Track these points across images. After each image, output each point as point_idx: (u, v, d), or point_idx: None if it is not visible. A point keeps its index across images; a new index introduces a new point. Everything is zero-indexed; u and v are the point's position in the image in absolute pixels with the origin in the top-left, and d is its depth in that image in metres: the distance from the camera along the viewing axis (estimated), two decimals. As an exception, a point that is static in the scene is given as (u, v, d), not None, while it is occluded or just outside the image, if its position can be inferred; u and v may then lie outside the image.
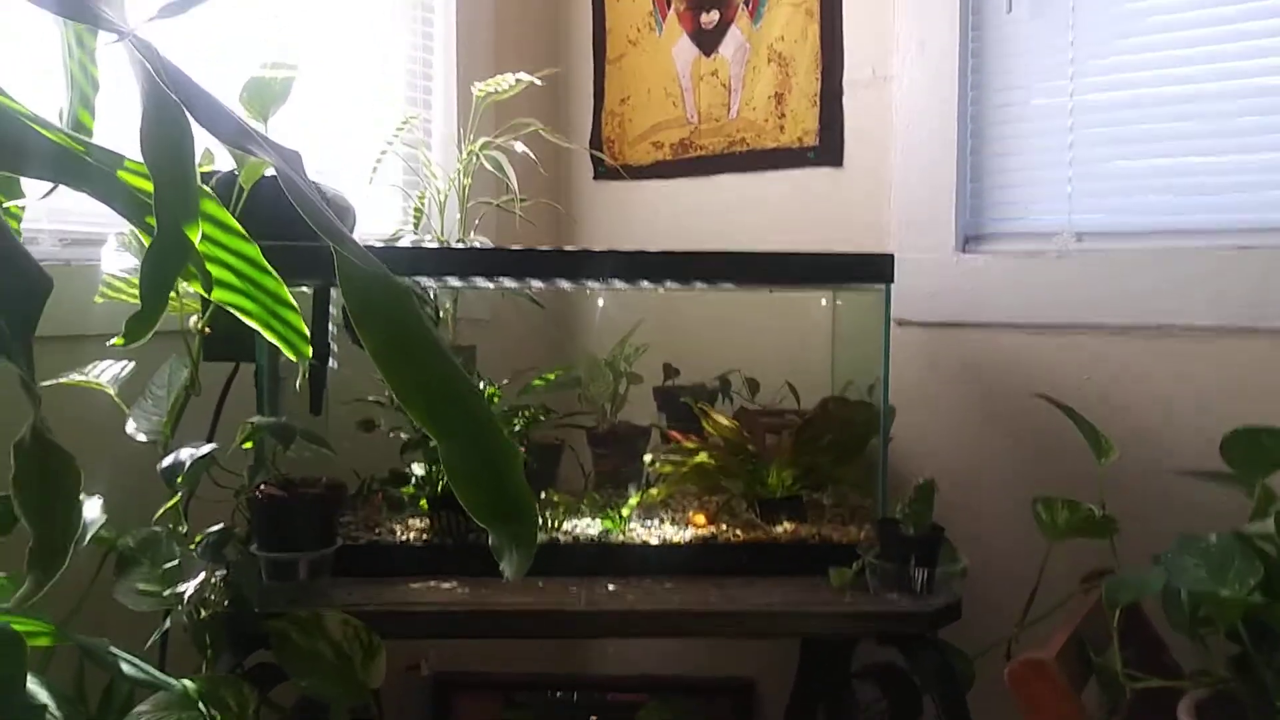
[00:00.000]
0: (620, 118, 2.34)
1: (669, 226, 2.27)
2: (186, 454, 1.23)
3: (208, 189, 0.93)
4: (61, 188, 0.91)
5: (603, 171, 2.38)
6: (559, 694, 2.12)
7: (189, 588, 1.22)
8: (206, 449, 1.25)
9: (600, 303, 2.07)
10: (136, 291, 1.56)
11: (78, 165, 0.90)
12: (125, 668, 0.97)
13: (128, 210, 0.94)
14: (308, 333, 1.05)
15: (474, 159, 1.91)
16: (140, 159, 0.76)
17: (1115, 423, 1.66)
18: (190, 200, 0.81)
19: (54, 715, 0.87)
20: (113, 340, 0.87)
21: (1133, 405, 1.73)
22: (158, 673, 0.99)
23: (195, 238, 0.86)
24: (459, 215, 1.97)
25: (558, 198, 2.38)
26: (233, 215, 0.99)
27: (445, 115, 2.18)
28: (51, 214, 1.58)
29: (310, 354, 1.05)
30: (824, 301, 1.91)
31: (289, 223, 1.55)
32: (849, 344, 1.86)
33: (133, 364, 1.50)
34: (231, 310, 1.02)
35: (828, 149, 2.05)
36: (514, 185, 1.82)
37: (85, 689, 1.42)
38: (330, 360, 1.65)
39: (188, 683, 1.03)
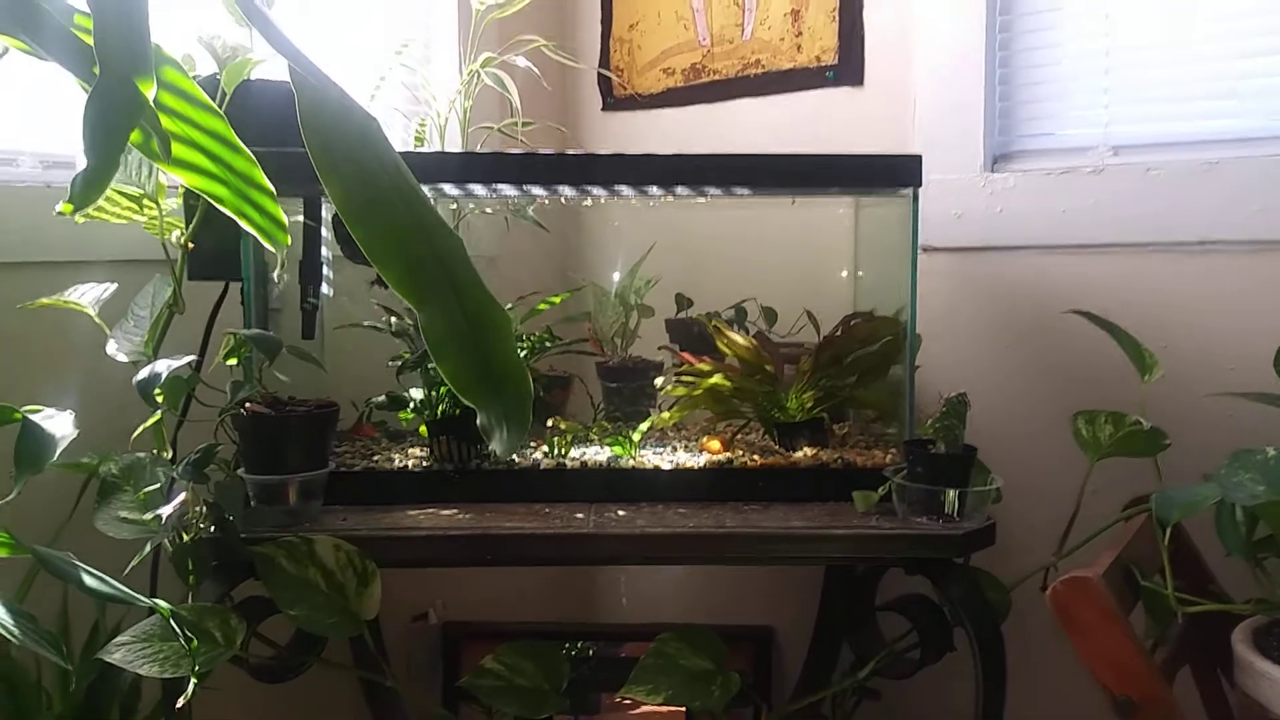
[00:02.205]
0: (629, 44, 2.23)
1: (681, 157, 2.16)
2: (163, 365, 1.15)
3: (168, 53, 0.84)
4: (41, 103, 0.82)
5: (611, 102, 2.27)
6: (575, 648, 2.04)
7: (167, 509, 1.14)
8: (184, 360, 1.16)
9: (610, 227, 1.98)
10: (119, 209, 1.49)
11: (30, 12, 0.80)
12: (89, 581, 0.89)
13: (84, 71, 0.85)
14: (285, 220, 0.96)
15: (475, 79, 1.81)
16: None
17: (1154, 344, 1.55)
18: (138, 36, 0.71)
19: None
20: (59, 207, 0.78)
21: (1173, 325, 1.62)
22: (123, 588, 0.91)
23: (148, 90, 0.77)
24: (460, 141, 1.88)
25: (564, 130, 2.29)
26: (214, 122, 0.90)
27: (446, 36, 2.08)
28: (34, 136, 1.50)
29: (287, 242, 0.96)
30: (846, 223, 1.81)
31: (276, 130, 1.46)
32: (872, 268, 1.76)
33: (115, 285, 1.42)
34: (203, 195, 0.93)
35: (847, 67, 1.95)
36: (516, 103, 1.73)
37: (70, 624, 1.36)
38: (324, 284, 1.57)
39: (160, 601, 0.95)
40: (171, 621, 0.95)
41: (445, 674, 2.06)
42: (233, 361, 1.27)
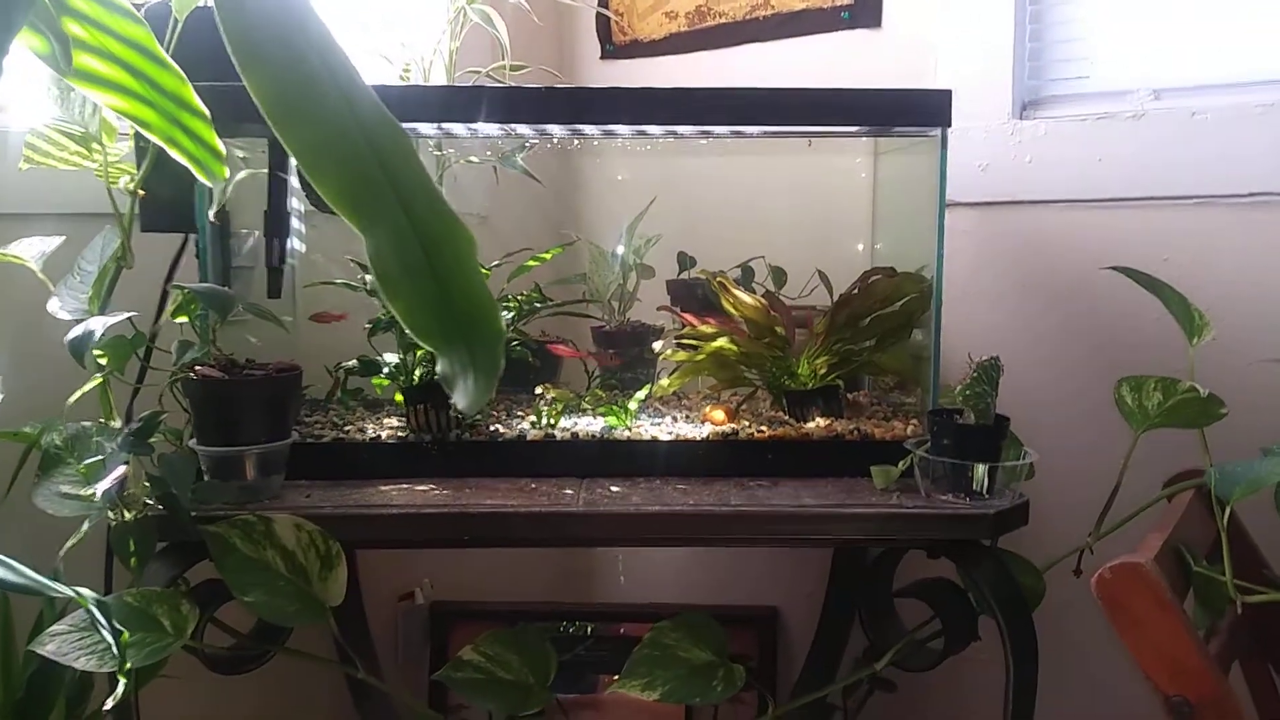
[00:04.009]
0: (629, -13, 2.09)
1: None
2: (98, 323, 1.02)
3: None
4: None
5: (610, 49, 2.13)
6: (572, 626, 1.95)
7: (104, 484, 1.02)
8: (122, 317, 1.03)
9: (610, 180, 1.85)
10: (66, 154, 1.36)
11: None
12: (-7, 567, 0.77)
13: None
14: (223, 150, 0.84)
15: (462, 17, 1.67)
16: None
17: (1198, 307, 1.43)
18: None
19: None
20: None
21: (1218, 285, 1.49)
22: (35, 575, 0.78)
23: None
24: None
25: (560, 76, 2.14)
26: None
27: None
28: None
29: (223, 174, 0.83)
30: (863, 174, 1.67)
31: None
32: (891, 221, 1.63)
33: (62, 239, 1.29)
34: (130, 121, 0.81)
35: (864, 7, 1.80)
36: (504, 40, 1.59)
37: (12, 620, 1.24)
38: (296, 239, 1.44)
39: (84, 590, 0.83)
40: (95, 611, 0.83)
41: (433, 657, 1.96)
42: (182, 320, 1.14)
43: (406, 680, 1.91)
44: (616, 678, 1.20)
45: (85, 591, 0.84)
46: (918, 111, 1.26)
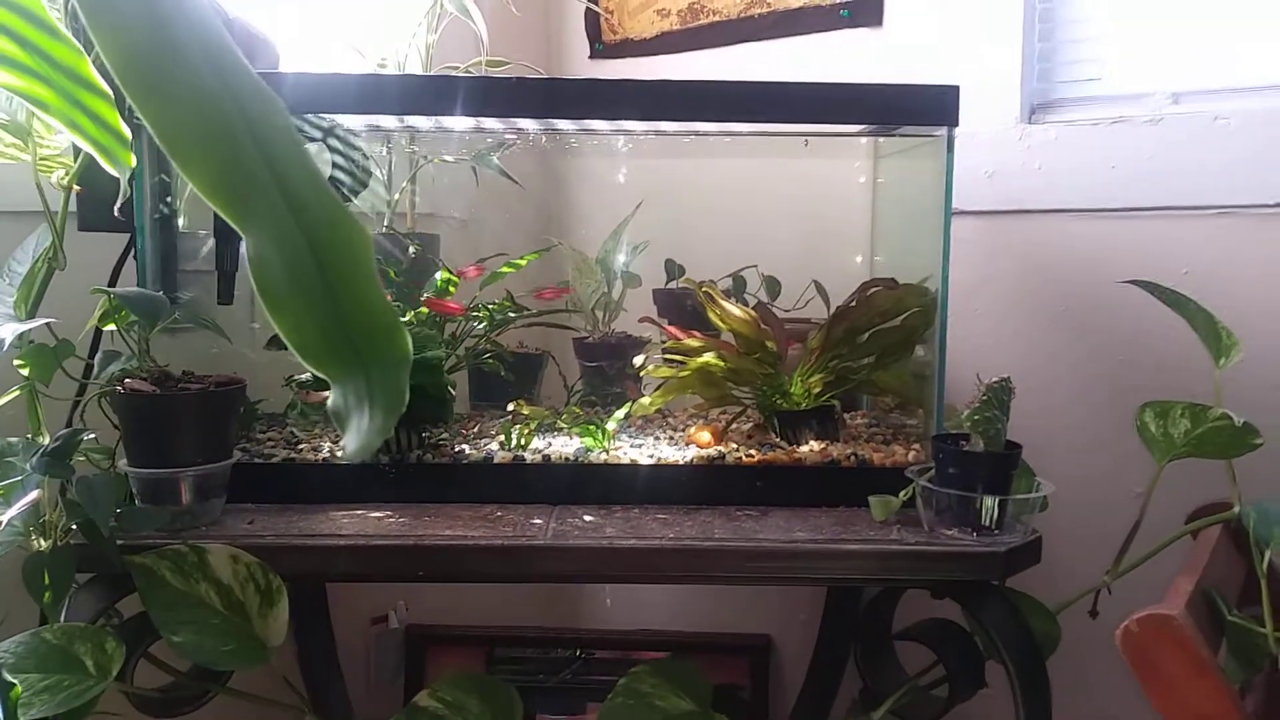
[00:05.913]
0: (619, -17, 1.99)
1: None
2: (9, 330, 0.92)
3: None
4: None
5: (600, 49, 2.03)
6: (559, 651, 1.86)
7: (12, 510, 0.91)
8: (38, 323, 0.93)
9: (599, 185, 1.75)
10: (20, 147, 1.26)
11: None
12: None
13: None
14: (128, 134, 0.74)
15: (439, 8, 1.57)
16: None
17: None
18: None
19: None
20: None
21: (1241, 302, 1.39)
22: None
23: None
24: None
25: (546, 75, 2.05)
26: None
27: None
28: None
29: (130, 161, 0.73)
30: (863, 178, 1.58)
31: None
32: (892, 230, 1.53)
33: (-9, 239, 1.19)
34: (26, 101, 0.71)
35: (864, 5, 1.70)
36: (483, 33, 1.48)
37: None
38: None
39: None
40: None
41: (408, 686, 1.87)
42: (109, 326, 1.04)
43: (379, 712, 1.80)
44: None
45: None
46: (923, 109, 1.16)
